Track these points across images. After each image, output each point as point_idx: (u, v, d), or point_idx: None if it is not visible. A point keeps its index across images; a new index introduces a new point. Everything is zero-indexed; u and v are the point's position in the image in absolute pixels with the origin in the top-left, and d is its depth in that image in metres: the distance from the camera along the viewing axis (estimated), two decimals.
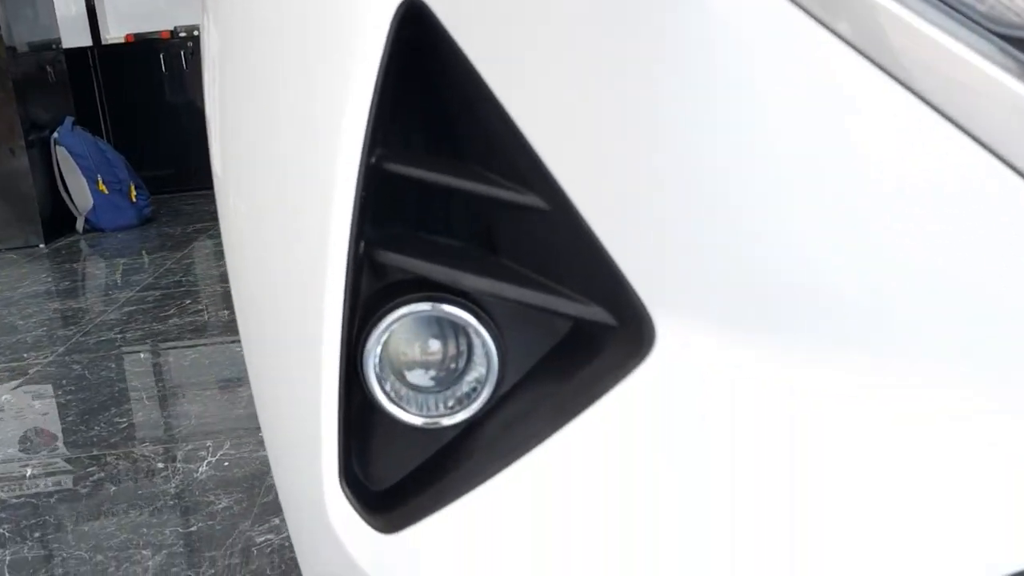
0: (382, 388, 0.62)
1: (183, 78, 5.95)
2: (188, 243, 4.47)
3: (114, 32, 6.28)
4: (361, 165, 0.57)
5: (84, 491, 1.84)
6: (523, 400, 0.60)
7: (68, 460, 2.00)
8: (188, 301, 3.29)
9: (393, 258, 0.59)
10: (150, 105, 5.97)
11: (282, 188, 0.60)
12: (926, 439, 0.49)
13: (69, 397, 2.41)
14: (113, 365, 2.66)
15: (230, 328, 2.92)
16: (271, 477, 1.82)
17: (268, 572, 1.47)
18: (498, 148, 0.55)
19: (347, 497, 0.64)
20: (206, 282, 3.62)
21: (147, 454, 2.00)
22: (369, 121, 0.56)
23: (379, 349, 0.61)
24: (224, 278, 3.57)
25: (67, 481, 1.89)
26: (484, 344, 0.60)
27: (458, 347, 0.62)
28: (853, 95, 0.47)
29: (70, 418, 2.26)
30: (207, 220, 5.00)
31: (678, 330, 0.52)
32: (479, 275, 0.58)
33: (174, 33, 5.96)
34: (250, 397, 2.28)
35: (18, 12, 4.90)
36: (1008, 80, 0.45)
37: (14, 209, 4.78)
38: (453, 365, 0.62)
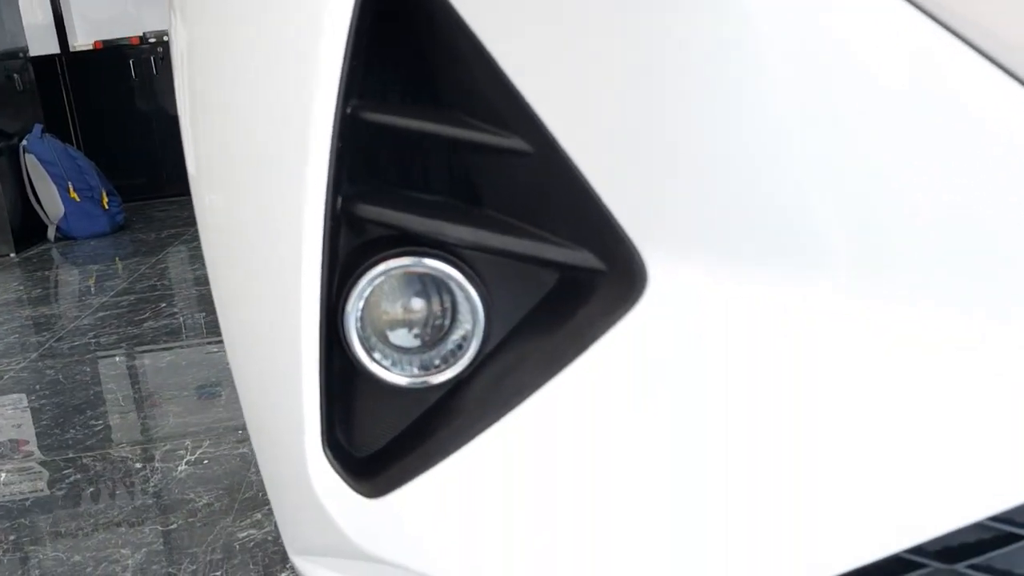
0: (364, 348, 0.60)
1: (153, 84, 5.89)
2: (162, 248, 4.42)
3: (82, 39, 6.21)
4: (336, 115, 0.55)
5: (60, 493, 1.80)
6: (511, 355, 0.58)
7: (43, 463, 1.96)
8: (163, 304, 3.25)
9: (372, 211, 0.57)
10: (120, 112, 5.90)
11: (255, 141, 0.58)
12: (924, 360, 0.48)
13: (43, 402, 2.36)
14: (88, 369, 2.62)
15: (206, 330, 2.88)
16: (253, 474, 1.79)
17: (251, 566, 1.44)
18: (479, 91, 0.53)
19: (331, 463, 0.62)
20: (181, 286, 3.58)
21: (124, 455, 1.96)
22: (343, 68, 0.54)
23: (360, 308, 0.59)
24: (200, 281, 3.52)
25: (42, 484, 1.85)
26: (469, 299, 0.58)
27: (442, 304, 0.60)
28: (838, 17, 0.46)
29: (44, 422, 2.22)
30: (181, 226, 4.94)
31: (670, 269, 0.51)
32: (462, 225, 0.56)
33: (143, 39, 5.90)
34: (229, 396, 2.24)
35: None
36: None
37: None
38: (438, 323, 0.60)
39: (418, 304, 0.60)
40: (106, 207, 5.02)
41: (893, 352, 0.48)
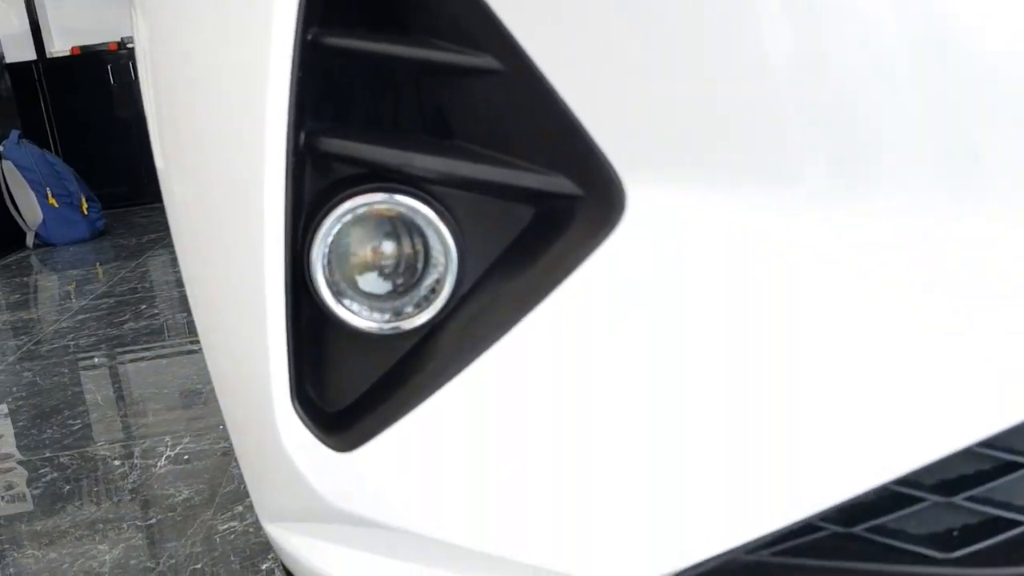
0: (333, 293, 0.57)
1: (132, 90, 5.83)
2: (142, 253, 4.37)
3: (59, 45, 6.15)
4: (296, 42, 0.52)
5: (36, 492, 1.76)
6: (486, 295, 0.55)
7: (19, 463, 1.91)
8: (144, 306, 3.20)
9: (337, 145, 0.54)
10: (99, 118, 5.85)
11: (214, 76, 0.55)
12: (904, 283, 0.45)
13: (20, 403, 2.32)
14: (66, 371, 2.57)
15: (188, 330, 2.84)
16: (234, 468, 1.75)
17: (232, 558, 1.41)
18: (446, 8, 0.50)
19: (300, 418, 0.59)
20: (162, 288, 3.53)
21: (103, 453, 1.92)
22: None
23: (327, 249, 0.56)
24: (181, 283, 3.47)
25: (18, 482, 1.81)
26: (442, 240, 0.55)
27: (414, 247, 0.57)
28: None
29: (21, 423, 2.17)
30: (162, 231, 4.89)
31: (649, 192, 0.48)
32: (432, 156, 0.53)
33: (121, 44, 5.84)
34: (210, 394, 2.20)
35: None
36: None
37: None
38: (410, 266, 0.57)
39: (388, 247, 0.57)
40: (85, 213, 4.96)
41: (872, 278, 0.45)
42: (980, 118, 0.44)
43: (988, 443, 0.48)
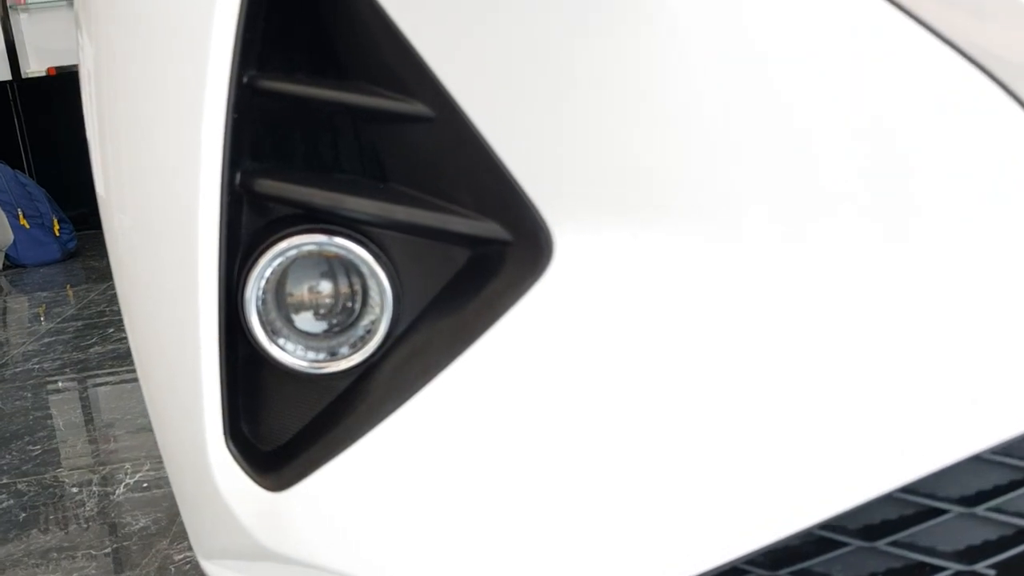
0: (266, 333, 0.57)
1: None
2: (112, 275, 4.33)
3: (35, 65, 6.12)
4: (231, 84, 0.53)
5: None
6: (420, 336, 0.55)
7: None
8: (111, 330, 3.17)
9: (272, 186, 0.54)
10: (73, 139, 5.80)
11: (150, 114, 0.55)
12: (830, 313, 0.46)
13: None
14: (29, 395, 2.54)
15: None
16: None
17: None
18: (379, 55, 0.51)
19: (233, 456, 0.59)
20: None
21: (61, 479, 1.89)
22: (237, 37, 0.52)
23: (261, 289, 0.56)
24: None
25: None
26: (377, 280, 0.56)
27: (351, 287, 0.57)
28: None
29: None
30: None
31: (577, 238, 0.49)
32: (365, 199, 0.53)
33: None
34: None
35: None
36: None
37: None
38: (346, 306, 0.57)
39: (324, 287, 0.57)
40: (57, 234, 4.92)
41: (796, 313, 0.46)
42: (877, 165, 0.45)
43: (909, 488, 0.49)
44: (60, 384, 2.63)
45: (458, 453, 0.52)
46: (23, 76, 6.02)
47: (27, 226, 4.86)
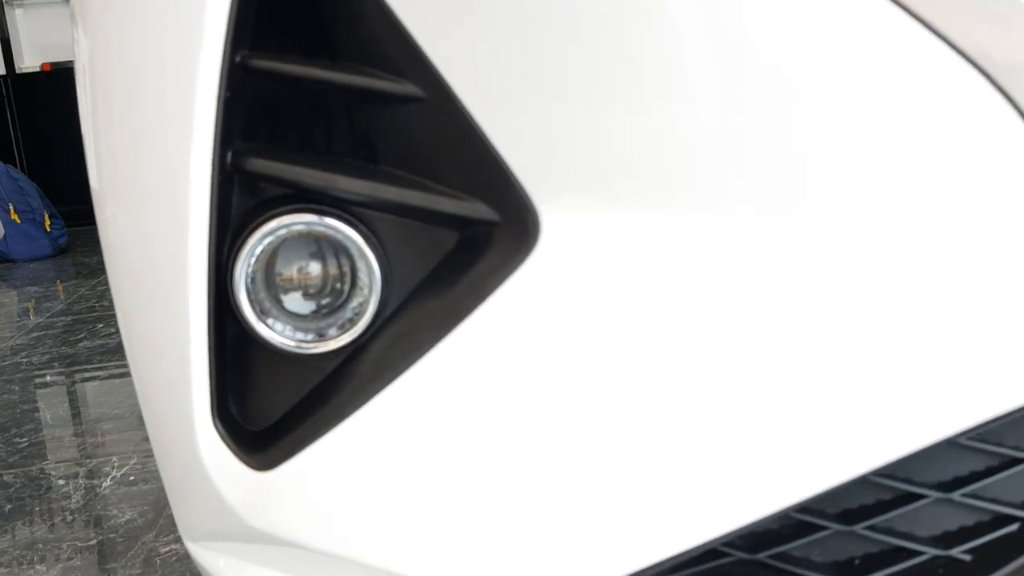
0: (255, 312, 0.57)
1: None
2: (102, 271, 4.32)
3: (29, 61, 6.10)
4: (224, 63, 0.53)
5: None
6: (409, 317, 0.56)
7: None
8: (100, 325, 3.16)
9: (263, 165, 0.55)
10: (66, 135, 5.79)
11: (145, 94, 0.56)
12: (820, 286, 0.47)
13: None
14: (17, 388, 2.53)
15: None
16: None
17: None
18: (372, 35, 0.51)
19: (220, 435, 0.59)
20: None
21: (48, 471, 1.89)
22: (231, 15, 0.52)
23: (251, 268, 0.57)
24: None
25: None
26: (366, 262, 0.56)
27: (340, 268, 0.58)
28: None
29: None
30: None
31: (563, 218, 0.49)
32: (355, 179, 0.54)
33: None
34: None
35: None
36: None
37: None
38: (335, 287, 0.58)
39: (314, 268, 0.58)
40: (48, 229, 4.91)
41: (777, 297, 0.47)
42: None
43: (886, 473, 0.50)
44: (48, 378, 2.62)
45: (444, 434, 0.52)
46: (17, 71, 6.00)
47: (18, 221, 4.85)
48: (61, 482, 1.83)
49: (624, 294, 0.48)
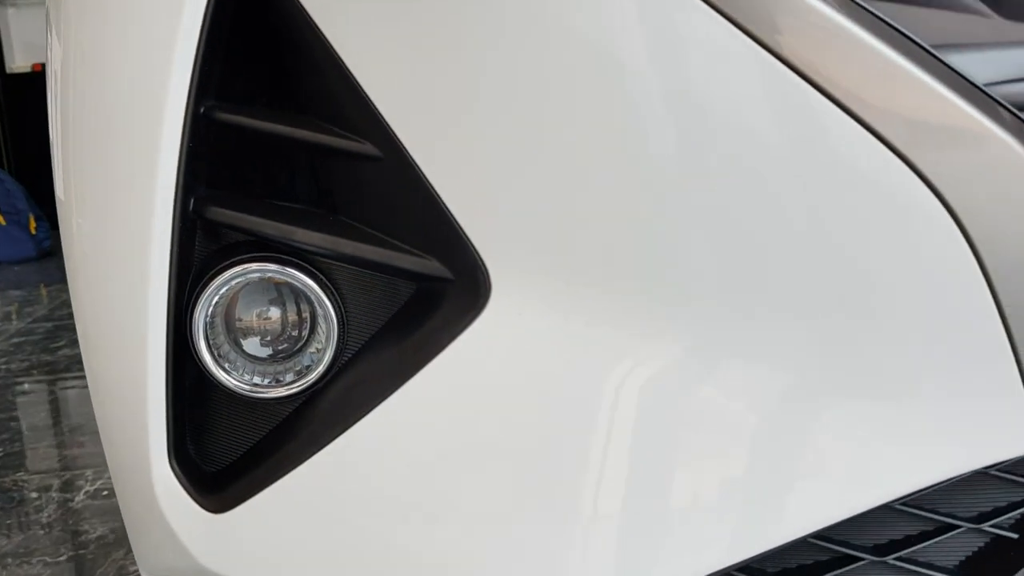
0: (213, 356, 0.58)
1: None
2: None
3: (20, 61, 6.09)
4: (187, 113, 0.54)
5: None
6: (363, 367, 0.57)
7: None
8: None
9: (223, 214, 0.56)
10: None
11: (110, 139, 0.57)
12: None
13: None
14: None
15: None
16: None
17: None
18: (332, 95, 0.52)
19: (176, 475, 0.60)
20: None
21: (20, 483, 1.88)
22: (196, 67, 0.53)
23: (209, 313, 0.57)
24: None
25: None
26: (324, 310, 0.57)
27: (299, 315, 0.59)
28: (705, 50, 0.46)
29: None
30: None
31: (514, 279, 0.50)
32: (313, 231, 0.55)
33: None
34: None
35: None
36: None
37: None
38: (293, 334, 0.59)
39: (273, 313, 0.59)
40: (33, 232, 4.89)
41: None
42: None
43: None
44: (27, 386, 2.61)
45: (394, 482, 0.53)
46: (7, 71, 5.99)
47: (3, 222, 4.83)
48: (34, 495, 1.83)
49: (569, 358, 0.49)
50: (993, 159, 0.41)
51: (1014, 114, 0.43)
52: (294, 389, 0.58)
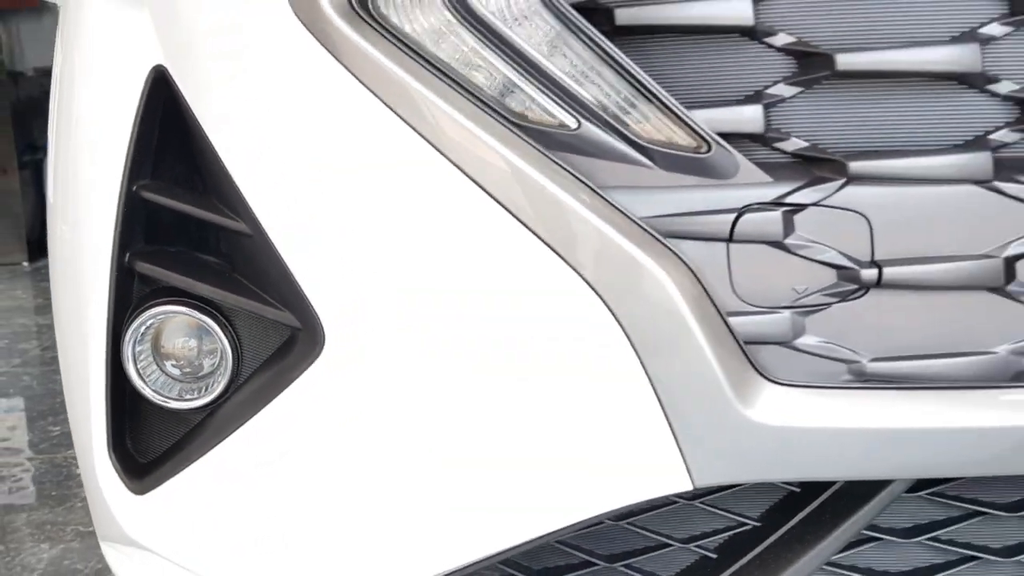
0: (139, 375, 0.76)
1: None
2: None
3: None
4: (122, 190, 0.72)
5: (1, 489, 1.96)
6: (247, 389, 0.74)
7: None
8: None
9: (145, 267, 0.73)
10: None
11: (74, 198, 0.75)
12: None
13: (13, 403, 2.54)
14: (59, 377, 2.78)
15: None
16: None
17: None
18: (215, 183, 0.69)
19: (113, 465, 0.78)
20: None
21: (70, 460, 2.12)
22: (129, 157, 0.71)
23: (137, 340, 0.75)
24: None
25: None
26: (223, 345, 0.74)
27: (208, 347, 0.76)
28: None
29: (9, 423, 2.39)
30: None
31: (343, 333, 0.66)
32: (206, 284, 0.72)
33: None
34: None
35: (24, 37, 5.11)
36: None
37: (1, 227, 4.94)
38: (203, 360, 0.76)
39: (188, 344, 0.76)
40: None
41: None
42: None
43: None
44: None
45: (265, 471, 0.71)
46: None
47: None
48: (78, 471, 2.06)
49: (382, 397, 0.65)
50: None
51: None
52: (200, 403, 0.75)
